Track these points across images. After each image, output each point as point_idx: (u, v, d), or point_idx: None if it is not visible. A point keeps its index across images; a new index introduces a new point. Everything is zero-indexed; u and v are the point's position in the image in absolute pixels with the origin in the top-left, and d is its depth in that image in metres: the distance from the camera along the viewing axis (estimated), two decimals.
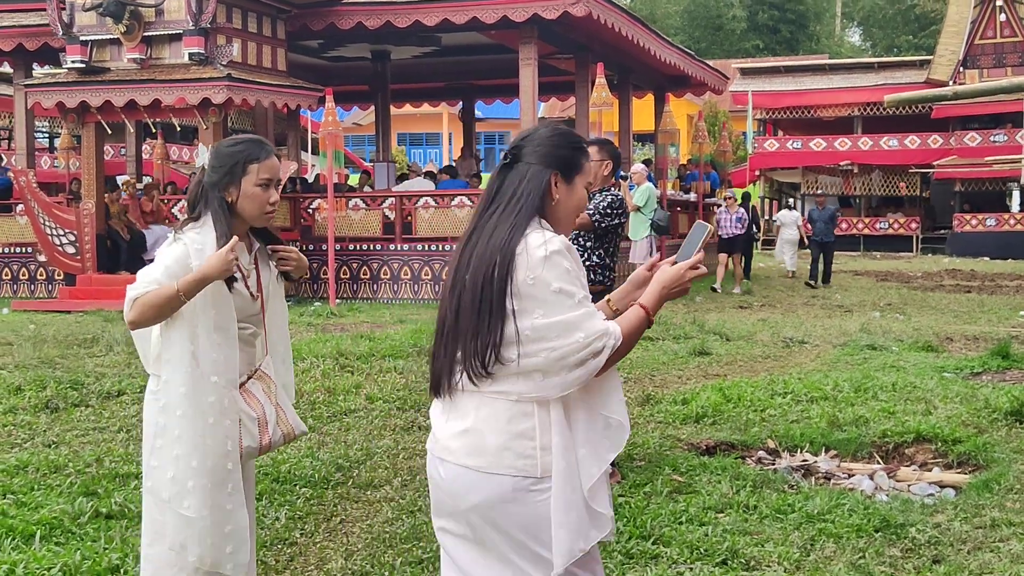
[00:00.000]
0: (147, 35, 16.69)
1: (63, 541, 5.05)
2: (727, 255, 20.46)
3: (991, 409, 7.59)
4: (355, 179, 24.75)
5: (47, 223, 17.57)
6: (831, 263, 21.87)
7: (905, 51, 57.52)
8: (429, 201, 18.50)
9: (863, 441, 7.01)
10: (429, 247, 18.05)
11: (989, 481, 5.95)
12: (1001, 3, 34.36)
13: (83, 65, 16.91)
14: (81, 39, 16.93)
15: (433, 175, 21.90)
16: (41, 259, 18.69)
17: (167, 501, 3.57)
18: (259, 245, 3.74)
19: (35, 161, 21.54)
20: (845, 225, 37.06)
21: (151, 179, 22.54)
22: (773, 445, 7.05)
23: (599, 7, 17.25)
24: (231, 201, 3.59)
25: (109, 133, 18.62)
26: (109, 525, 5.28)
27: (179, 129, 27.03)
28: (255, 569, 3.88)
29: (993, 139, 34.36)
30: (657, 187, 18.70)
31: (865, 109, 37.12)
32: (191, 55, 16.38)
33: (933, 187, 37.16)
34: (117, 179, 22.38)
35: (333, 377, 9.34)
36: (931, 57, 36.45)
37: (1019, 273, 25.00)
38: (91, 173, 17.63)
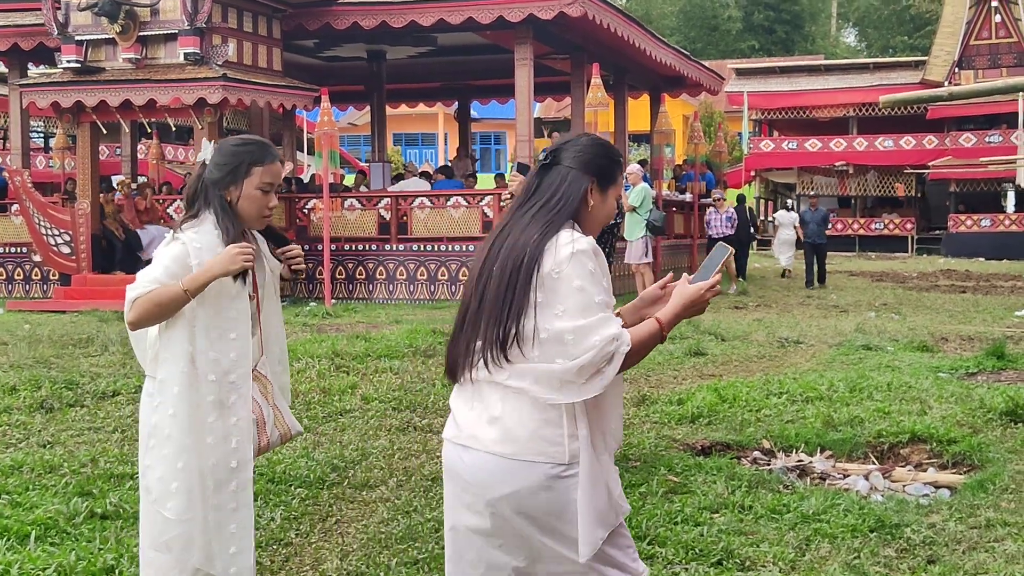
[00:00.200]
0: (142, 35, 16.68)
1: (58, 541, 5.04)
2: None
3: (986, 409, 7.59)
4: (351, 179, 24.75)
5: (42, 223, 17.55)
6: (824, 264, 21.89)
7: (900, 52, 57.58)
8: (425, 201, 18.50)
9: (858, 441, 7.01)
10: (424, 247, 18.05)
11: (984, 481, 5.95)
12: (996, 4, 34.40)
13: (78, 65, 16.90)
14: (76, 39, 16.91)
15: (429, 175, 21.90)
16: (36, 259, 18.67)
17: (153, 501, 3.56)
18: (255, 245, 3.73)
19: (30, 161, 21.50)
20: (841, 226, 37.12)
21: (146, 179, 22.51)
22: (768, 445, 7.05)
23: (595, 7, 17.26)
24: (230, 200, 3.57)
25: (104, 133, 18.60)
26: (104, 525, 5.27)
27: (174, 129, 27.04)
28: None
29: (988, 140, 34.42)
30: (653, 187, 18.71)
31: (860, 110, 37.16)
32: (186, 55, 16.37)
33: (928, 188, 37.21)
34: (112, 179, 22.37)
35: (328, 377, 9.33)
36: (926, 58, 36.51)
37: (1014, 273, 25.03)
38: (86, 173, 17.61)
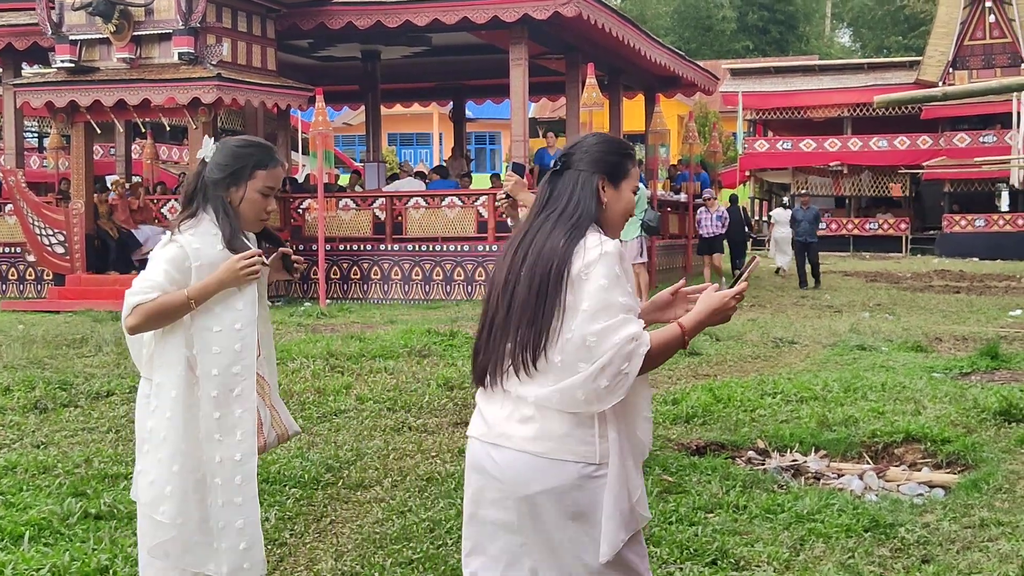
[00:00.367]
0: (136, 35, 16.66)
1: (52, 542, 5.03)
2: (709, 255, 20.88)
3: (980, 409, 7.60)
4: (345, 179, 24.73)
5: (36, 223, 17.53)
6: (817, 264, 21.89)
7: (895, 52, 57.67)
8: (419, 201, 18.50)
9: (852, 441, 7.01)
10: (419, 247, 18.05)
11: (978, 481, 5.96)
12: (990, 4, 34.45)
13: (72, 65, 16.88)
14: (70, 38, 16.89)
15: (423, 175, 21.90)
16: (30, 259, 18.65)
17: (145, 504, 3.54)
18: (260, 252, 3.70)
19: (24, 161, 21.47)
20: (835, 226, 37.15)
21: (139, 179, 22.49)
22: (763, 445, 7.06)
23: (589, 7, 17.26)
24: (230, 202, 3.55)
25: (98, 133, 18.57)
26: (98, 526, 5.26)
27: (168, 129, 26.97)
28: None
29: (982, 140, 34.47)
30: (647, 188, 18.71)
31: (855, 110, 37.20)
32: (181, 55, 16.35)
33: (923, 188, 37.26)
34: (106, 179, 22.34)
35: (323, 377, 9.33)
36: (920, 58, 36.55)
37: (1008, 273, 25.07)
38: (80, 173, 17.60)
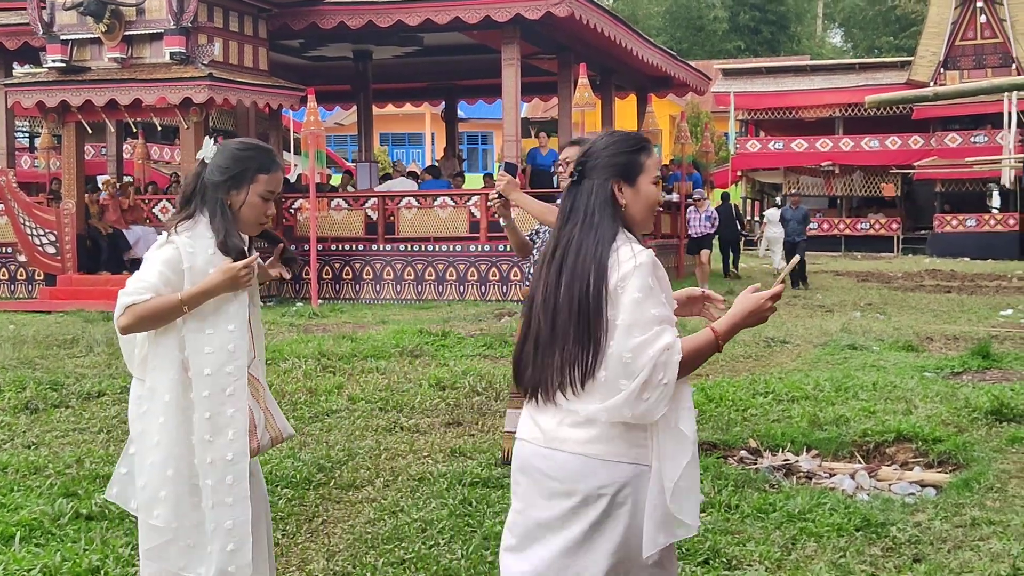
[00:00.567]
0: (128, 34, 16.65)
1: (43, 542, 5.02)
2: (697, 254, 20.98)
3: (971, 408, 7.62)
4: (337, 179, 24.72)
5: (27, 223, 17.49)
6: (804, 264, 21.89)
7: (886, 52, 57.73)
8: (411, 201, 18.50)
9: (844, 440, 7.02)
10: (411, 247, 18.05)
11: (969, 480, 5.97)
12: (981, 4, 34.53)
13: (64, 64, 16.85)
14: (62, 38, 16.87)
15: (415, 175, 21.89)
16: (21, 259, 18.61)
17: (135, 510, 3.51)
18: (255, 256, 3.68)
19: (15, 161, 21.42)
20: (827, 225, 37.20)
21: (131, 179, 22.44)
22: (755, 444, 7.06)
23: (581, 7, 17.27)
24: (230, 205, 3.52)
25: (90, 133, 18.55)
26: (89, 526, 5.26)
27: (160, 129, 26.98)
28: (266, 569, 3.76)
29: (973, 140, 34.54)
30: None
31: (846, 110, 37.25)
32: (172, 54, 16.34)
33: (914, 188, 37.32)
34: (97, 179, 22.29)
35: (315, 377, 9.32)
36: (912, 58, 36.62)
37: (999, 273, 25.13)
38: (71, 173, 17.57)
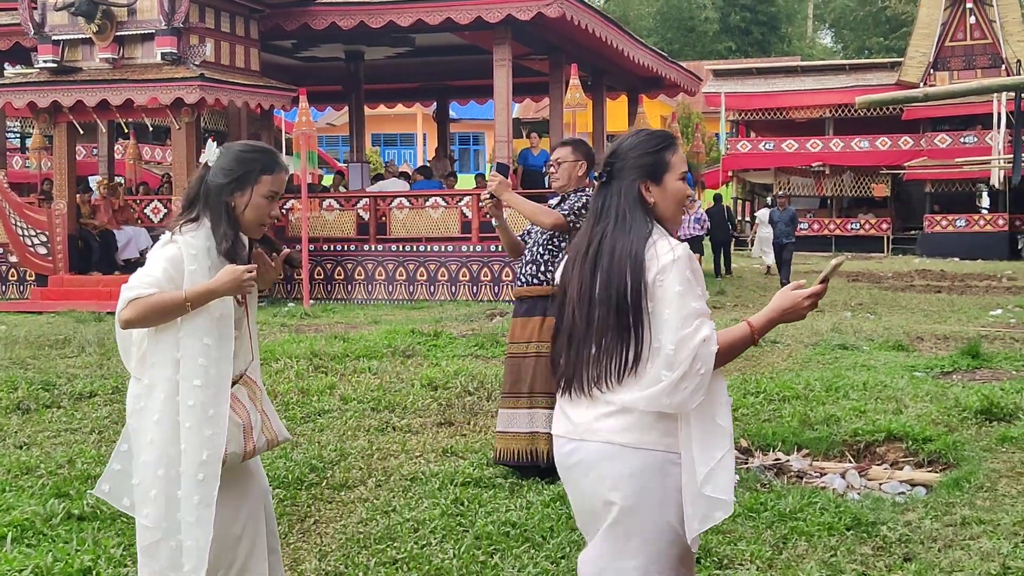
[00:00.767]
0: (119, 35, 16.62)
1: (35, 543, 5.02)
2: None
3: (961, 408, 7.64)
4: (329, 179, 24.70)
5: (18, 224, 17.45)
6: (790, 264, 21.90)
7: (876, 53, 57.83)
8: (403, 202, 18.50)
9: (835, 440, 7.05)
10: (403, 248, 18.04)
11: (959, 479, 5.99)
12: (971, 5, 34.60)
13: (55, 65, 16.82)
14: (53, 39, 16.84)
15: (407, 175, 21.89)
16: (12, 260, 18.55)
17: (128, 508, 3.52)
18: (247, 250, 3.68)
19: (6, 161, 21.38)
20: (817, 226, 37.26)
21: (121, 179, 22.41)
22: (746, 444, 7.08)
23: (572, 8, 17.28)
24: (234, 207, 3.53)
25: (81, 133, 18.52)
26: (81, 527, 5.26)
27: (151, 129, 26.92)
28: None
29: (963, 140, 34.60)
30: None
31: (837, 111, 37.31)
32: (164, 55, 16.32)
33: (904, 188, 37.38)
34: (89, 179, 22.26)
35: (307, 378, 9.32)
36: (902, 59, 36.66)
37: (988, 273, 25.19)
38: (63, 173, 17.54)
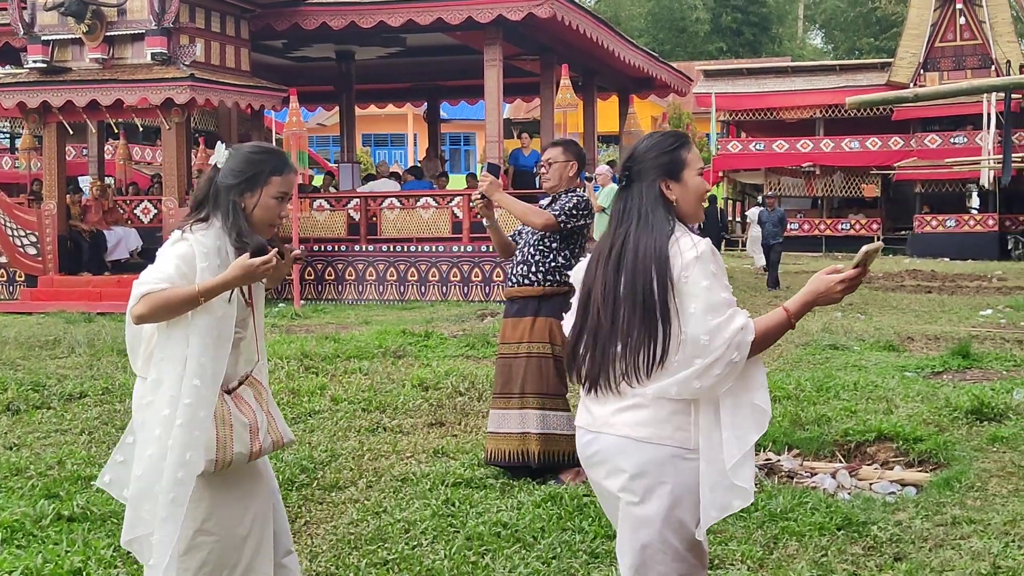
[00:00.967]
0: (109, 35, 16.58)
1: (25, 544, 5.01)
2: None
3: (952, 408, 7.66)
4: (319, 180, 24.68)
5: (8, 224, 17.41)
6: (778, 265, 21.89)
7: (866, 54, 57.92)
8: (394, 202, 18.49)
9: (825, 440, 7.06)
10: (394, 248, 18.03)
11: (950, 479, 6.01)
12: (961, 6, 34.68)
13: (44, 65, 16.77)
14: (43, 39, 16.79)
15: (398, 176, 21.88)
16: (2, 260, 18.50)
17: (126, 499, 3.52)
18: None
19: None
20: (807, 226, 37.33)
21: (112, 180, 22.37)
22: None
23: (563, 9, 17.29)
24: (244, 207, 3.57)
25: (71, 133, 18.46)
26: (71, 528, 5.24)
27: (141, 129, 26.86)
28: None
29: (953, 141, 34.67)
30: None
31: (827, 111, 37.36)
32: (154, 55, 16.28)
33: (894, 188, 37.45)
34: (79, 180, 22.22)
35: (298, 378, 9.31)
36: (892, 60, 36.73)
37: (979, 273, 25.24)
38: (53, 174, 17.50)
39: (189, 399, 3.41)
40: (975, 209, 34.91)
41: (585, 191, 6.65)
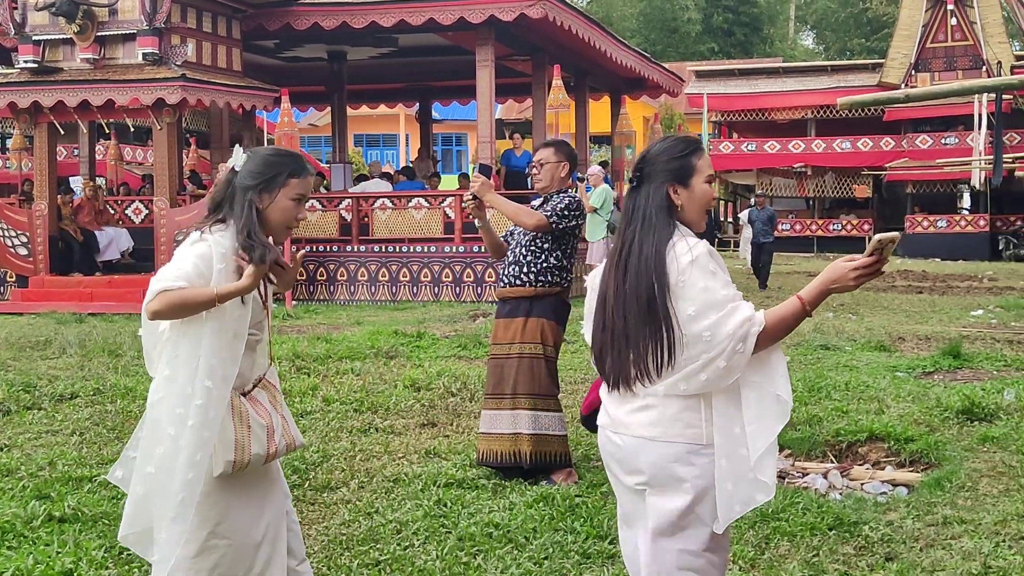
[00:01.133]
0: (100, 35, 16.56)
1: (15, 545, 5.00)
2: None
3: (943, 408, 7.67)
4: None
5: None
6: (769, 264, 21.90)
7: (857, 54, 57.98)
8: (386, 202, 18.48)
9: (817, 440, 7.07)
10: (386, 248, 18.02)
11: (941, 479, 6.02)
12: (952, 7, 34.76)
13: (35, 65, 16.74)
14: (34, 39, 16.75)
15: (390, 176, 21.86)
16: None
17: (138, 497, 3.52)
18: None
19: None
20: (799, 227, 37.40)
21: (103, 180, 22.32)
22: None
23: (555, 9, 17.29)
24: (260, 208, 3.58)
25: (62, 134, 18.43)
26: (62, 529, 5.23)
27: (133, 130, 26.81)
28: None
29: (944, 142, 34.76)
30: (614, 189, 18.76)
31: (818, 112, 37.43)
32: (145, 55, 16.26)
33: (885, 189, 37.53)
34: (70, 180, 22.17)
35: (289, 379, 9.30)
36: (883, 60, 36.82)
37: (969, 274, 25.31)
38: (43, 174, 17.46)
39: (200, 400, 3.42)
40: (966, 210, 35.01)
41: (577, 192, 6.66)
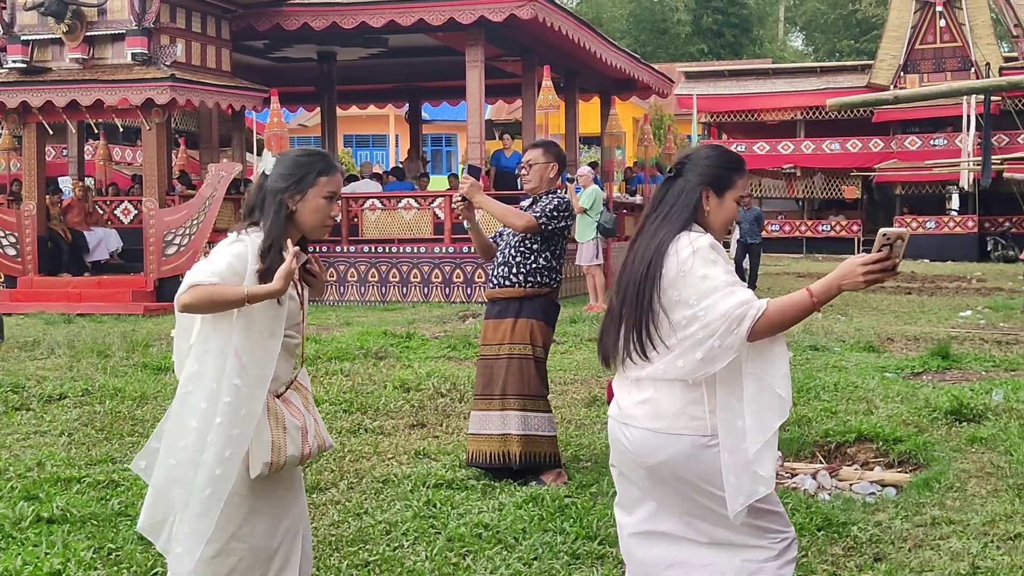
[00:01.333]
0: (89, 35, 16.53)
1: (4, 546, 4.98)
2: None
3: (931, 408, 7.68)
4: None
5: None
6: (757, 265, 21.89)
7: (847, 56, 58.08)
8: (375, 203, 18.46)
9: (805, 441, 7.08)
10: (376, 249, 18.01)
11: (929, 480, 6.03)
12: (940, 9, 34.84)
13: (24, 65, 16.71)
14: (22, 39, 16.71)
15: (379, 176, 21.85)
16: None
17: (158, 487, 3.53)
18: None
19: None
20: (788, 227, 37.45)
21: (92, 180, 22.27)
22: None
23: (545, 10, 17.30)
24: (292, 209, 3.60)
25: (51, 134, 18.40)
26: (51, 530, 5.22)
27: (122, 130, 26.77)
28: None
29: (933, 143, 34.83)
30: (603, 189, 18.77)
31: (808, 113, 37.48)
32: (134, 55, 16.23)
33: (874, 190, 37.60)
34: (59, 180, 22.11)
35: None
36: (872, 62, 36.87)
37: (958, 275, 25.37)
38: (32, 174, 17.42)
39: (228, 397, 3.43)
40: (955, 211, 35.07)
41: (566, 193, 6.65)
